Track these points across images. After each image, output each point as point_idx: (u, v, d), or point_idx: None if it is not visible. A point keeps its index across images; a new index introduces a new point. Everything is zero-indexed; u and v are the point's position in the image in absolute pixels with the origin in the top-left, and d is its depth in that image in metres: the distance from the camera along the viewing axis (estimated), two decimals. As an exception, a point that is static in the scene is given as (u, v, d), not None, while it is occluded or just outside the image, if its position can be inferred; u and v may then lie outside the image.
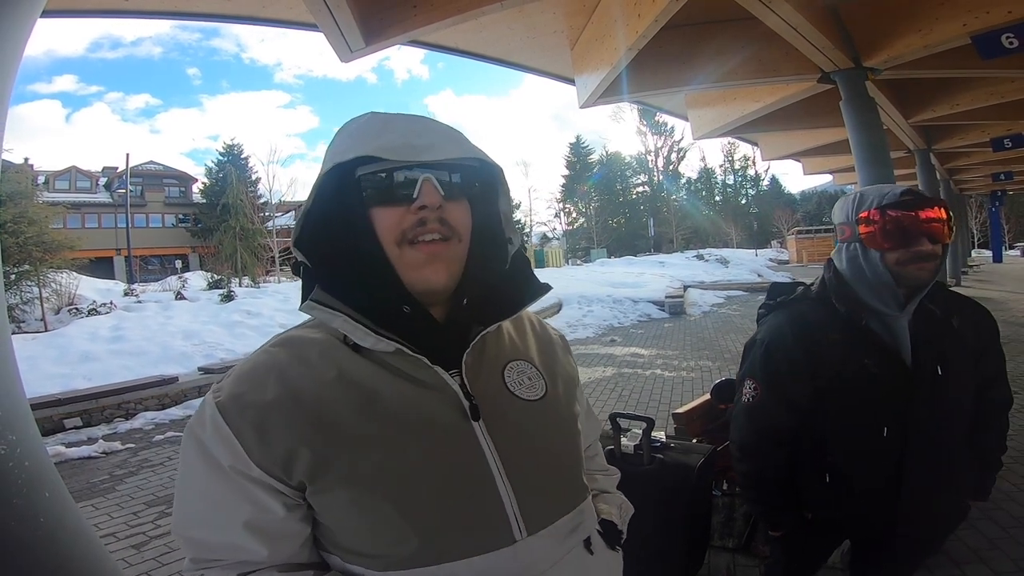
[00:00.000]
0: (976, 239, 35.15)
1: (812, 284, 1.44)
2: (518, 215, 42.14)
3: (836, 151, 9.44)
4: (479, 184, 0.73)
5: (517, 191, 48.06)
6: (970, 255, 24.78)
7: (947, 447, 1.31)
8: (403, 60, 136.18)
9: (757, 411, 1.40)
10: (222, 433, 0.63)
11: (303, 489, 0.64)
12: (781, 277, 18.71)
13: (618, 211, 49.72)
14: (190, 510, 0.67)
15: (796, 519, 1.42)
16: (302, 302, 0.68)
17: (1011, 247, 35.50)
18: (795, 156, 11.62)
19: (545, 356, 0.81)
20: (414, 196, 0.66)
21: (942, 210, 1.24)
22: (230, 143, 39.16)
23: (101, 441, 4.87)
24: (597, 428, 0.97)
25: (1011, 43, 4.13)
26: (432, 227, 0.66)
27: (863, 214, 1.28)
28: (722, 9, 4.98)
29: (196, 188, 39.46)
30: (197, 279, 14.77)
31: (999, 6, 4.12)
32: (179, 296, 11.38)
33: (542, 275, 0.80)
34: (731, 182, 53.52)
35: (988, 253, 28.40)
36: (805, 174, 13.75)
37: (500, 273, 0.76)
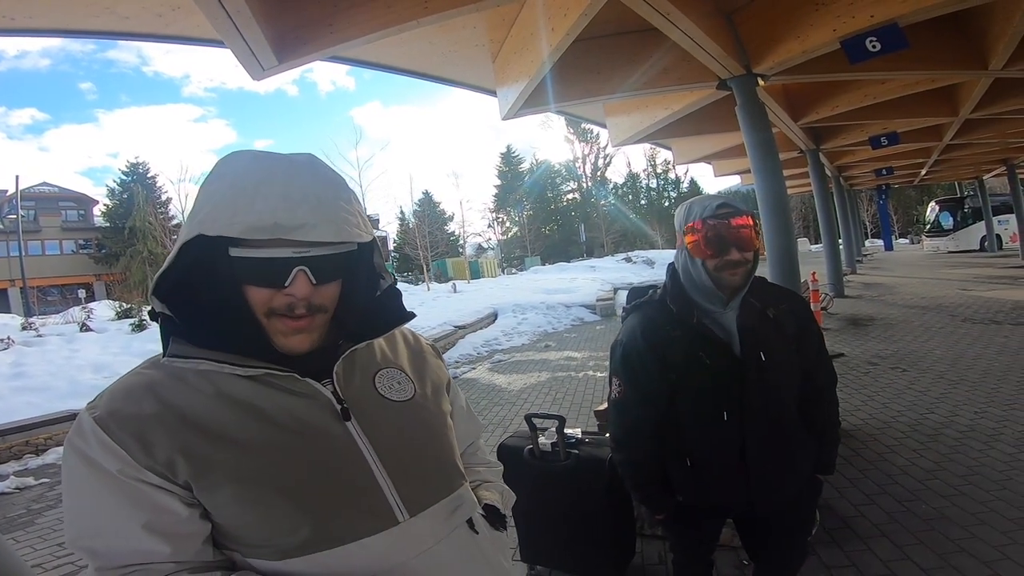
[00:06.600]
0: (869, 230, 38.71)
1: (659, 287, 1.58)
2: (452, 227, 41.99)
3: (740, 153, 9.98)
4: (353, 267, 0.79)
5: (449, 203, 47.90)
6: (864, 245, 27.21)
7: (779, 426, 1.45)
8: (327, 72, 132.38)
9: (622, 406, 1.53)
10: (106, 444, 0.66)
11: (190, 489, 0.67)
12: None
13: (550, 218, 50.56)
14: (85, 522, 0.67)
15: (671, 502, 1.54)
16: (163, 354, 0.72)
17: (900, 236, 39.37)
18: (706, 159, 12.20)
19: (416, 364, 0.92)
20: (286, 284, 0.70)
21: (749, 218, 1.39)
22: (134, 161, 36.09)
23: (13, 477, 4.56)
24: (478, 427, 1.07)
25: (874, 46, 4.40)
26: (300, 312, 0.71)
27: (687, 225, 1.43)
28: (631, 21, 5.26)
29: (97, 211, 36.17)
30: (104, 309, 13.62)
31: (862, 11, 4.38)
32: (84, 328, 10.51)
33: (477, 286, 0.91)
34: (654, 185, 55.75)
35: (880, 243, 31.13)
36: (716, 176, 14.61)
37: (371, 299, 0.85)
